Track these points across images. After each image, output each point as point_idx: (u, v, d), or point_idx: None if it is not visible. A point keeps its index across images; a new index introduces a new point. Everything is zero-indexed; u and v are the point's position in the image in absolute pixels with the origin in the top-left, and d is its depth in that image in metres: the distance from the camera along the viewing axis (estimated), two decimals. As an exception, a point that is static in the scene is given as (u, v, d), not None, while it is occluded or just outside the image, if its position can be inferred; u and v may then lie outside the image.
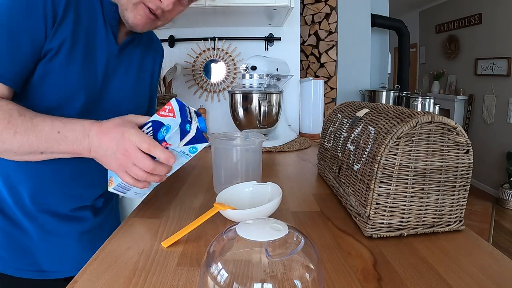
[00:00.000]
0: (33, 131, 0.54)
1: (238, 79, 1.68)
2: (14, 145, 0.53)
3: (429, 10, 4.83)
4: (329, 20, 2.87)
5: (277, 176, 0.94)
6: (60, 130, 0.55)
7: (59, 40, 0.59)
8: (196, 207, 0.70)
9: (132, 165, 0.54)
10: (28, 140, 0.53)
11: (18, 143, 0.53)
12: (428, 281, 0.43)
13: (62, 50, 0.60)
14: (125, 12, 0.65)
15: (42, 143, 0.54)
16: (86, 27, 0.64)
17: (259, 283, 0.32)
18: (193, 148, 0.57)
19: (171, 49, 1.68)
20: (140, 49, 0.79)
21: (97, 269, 0.47)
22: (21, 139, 0.53)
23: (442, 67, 4.53)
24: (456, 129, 0.52)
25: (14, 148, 0.54)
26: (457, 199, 0.56)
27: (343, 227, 0.60)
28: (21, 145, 0.53)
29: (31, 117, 0.54)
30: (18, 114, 0.54)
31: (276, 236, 0.34)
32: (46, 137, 0.54)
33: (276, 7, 1.32)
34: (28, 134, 0.53)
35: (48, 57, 0.59)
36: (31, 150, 0.54)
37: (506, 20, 3.37)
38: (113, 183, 0.60)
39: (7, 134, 0.52)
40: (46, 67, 0.59)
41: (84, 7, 0.63)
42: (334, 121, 0.82)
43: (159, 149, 0.53)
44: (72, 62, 0.62)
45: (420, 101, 2.76)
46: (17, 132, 0.53)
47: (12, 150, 0.54)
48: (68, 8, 0.59)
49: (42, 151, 0.55)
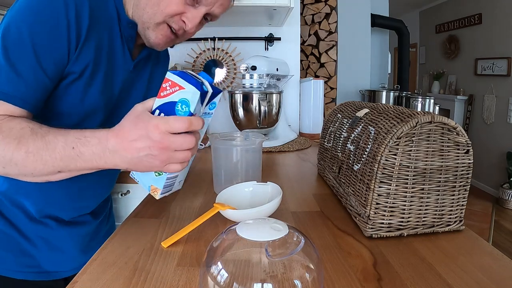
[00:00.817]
0: (46, 149, 0.49)
1: (238, 79, 1.68)
2: (28, 167, 0.49)
3: (429, 10, 4.83)
4: (329, 20, 2.87)
5: (277, 176, 0.94)
6: (74, 146, 0.49)
7: (83, 64, 0.57)
8: (196, 207, 0.70)
9: (174, 153, 0.48)
10: (41, 160, 0.49)
11: (31, 164, 0.49)
12: (428, 281, 0.43)
13: (85, 73, 0.58)
14: (146, 31, 0.64)
15: (57, 162, 0.49)
16: (107, 46, 0.62)
17: (259, 283, 0.32)
18: (212, 104, 0.55)
19: (171, 49, 1.68)
20: (151, 62, 0.78)
21: (97, 269, 0.47)
22: (34, 159, 0.49)
23: (442, 67, 4.53)
24: (456, 129, 0.52)
25: (28, 170, 0.50)
26: (457, 199, 0.56)
27: (343, 227, 0.60)
28: (35, 166, 0.49)
29: (43, 135, 0.50)
30: (30, 132, 0.49)
31: (276, 236, 0.34)
32: (60, 155, 0.49)
33: (276, 7, 1.32)
34: (40, 154, 0.49)
35: (69, 79, 0.57)
36: (47, 170, 0.50)
37: (506, 20, 3.37)
38: (158, 189, 0.55)
39: (19, 156, 0.48)
40: (66, 89, 0.58)
41: (104, 26, 0.61)
42: (334, 121, 0.82)
43: (194, 120, 0.48)
44: (93, 84, 0.61)
45: (420, 101, 2.76)
46: (29, 152, 0.48)
47: (27, 172, 0.50)
48: (91, 29, 0.57)
49: (59, 170, 0.50)
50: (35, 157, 0.49)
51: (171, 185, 0.58)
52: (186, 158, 0.50)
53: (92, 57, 0.59)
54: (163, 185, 0.55)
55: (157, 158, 0.48)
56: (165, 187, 0.56)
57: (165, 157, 0.48)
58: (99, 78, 0.62)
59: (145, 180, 0.57)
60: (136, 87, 0.74)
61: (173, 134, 0.47)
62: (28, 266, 0.67)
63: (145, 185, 0.57)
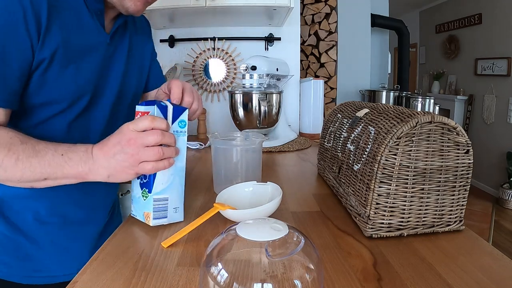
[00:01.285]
0: (35, 156, 0.52)
1: (238, 79, 1.68)
2: (17, 173, 0.52)
3: (429, 10, 4.83)
4: (329, 20, 2.87)
5: (277, 176, 0.94)
6: (63, 153, 0.54)
7: (51, 49, 0.57)
8: (196, 207, 0.70)
9: (144, 149, 0.53)
10: (30, 166, 0.52)
11: (20, 170, 0.52)
12: (428, 281, 0.43)
13: (56, 57, 0.58)
14: (123, 2, 0.64)
15: (46, 168, 0.53)
16: (75, 26, 0.61)
17: (259, 283, 0.32)
18: (181, 122, 0.60)
19: (171, 49, 1.69)
20: (129, 32, 0.76)
21: (97, 269, 0.47)
22: (23, 166, 0.52)
23: (442, 67, 4.53)
24: (456, 129, 0.52)
25: (16, 176, 0.53)
26: (457, 199, 0.56)
27: (343, 227, 0.60)
28: (23, 172, 0.52)
29: (33, 144, 0.53)
30: (20, 142, 0.53)
31: (276, 236, 0.34)
32: (49, 161, 0.53)
33: (276, 7, 1.33)
34: (30, 161, 0.52)
35: (42, 67, 0.57)
36: (34, 177, 0.53)
37: (506, 20, 3.37)
38: (150, 213, 0.59)
39: (9, 162, 0.51)
40: (44, 77, 0.58)
41: (66, 6, 0.60)
42: (334, 121, 0.82)
43: (156, 118, 0.54)
44: (70, 66, 0.60)
45: (420, 101, 2.76)
46: (19, 160, 0.51)
47: (14, 178, 0.53)
48: (51, 13, 0.56)
49: (45, 177, 0.54)
50: (24, 164, 0.52)
51: (163, 209, 0.60)
52: (156, 155, 0.54)
53: (60, 39, 0.58)
54: (152, 209, 0.58)
55: (129, 155, 0.53)
56: (156, 211, 0.59)
57: (136, 153, 0.53)
58: (75, 58, 0.61)
59: (139, 210, 0.61)
60: (116, 59, 0.72)
61: (140, 132, 0.53)
62: (35, 270, 0.66)
63: (140, 215, 0.61)
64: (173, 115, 0.59)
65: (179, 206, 0.62)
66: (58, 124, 0.63)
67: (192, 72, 1.70)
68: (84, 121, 0.67)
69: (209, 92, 1.71)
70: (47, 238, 0.68)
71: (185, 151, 0.61)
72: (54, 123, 0.63)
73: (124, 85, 0.74)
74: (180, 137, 0.60)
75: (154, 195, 0.58)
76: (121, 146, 0.53)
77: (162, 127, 0.55)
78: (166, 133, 0.55)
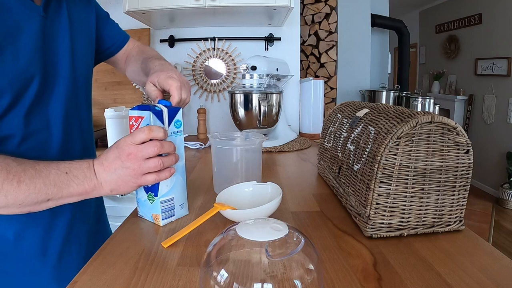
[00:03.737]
0: (39, 177, 0.49)
1: (238, 79, 1.68)
2: (20, 197, 0.48)
3: (429, 10, 4.83)
4: (329, 20, 2.87)
5: (277, 176, 0.94)
6: (67, 171, 0.52)
7: None
8: (196, 207, 0.70)
9: (144, 161, 0.53)
10: (35, 188, 0.49)
11: (24, 193, 0.48)
12: (428, 281, 0.43)
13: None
14: None
15: (51, 188, 0.50)
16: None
17: (259, 283, 0.32)
18: (176, 122, 0.61)
19: (171, 49, 1.69)
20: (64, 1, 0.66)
21: (97, 269, 0.47)
22: (27, 188, 0.48)
23: (442, 67, 4.53)
24: (456, 129, 0.52)
25: (19, 200, 0.49)
26: (457, 199, 0.56)
27: (343, 227, 0.60)
28: (27, 195, 0.49)
29: (32, 164, 0.50)
30: (16, 164, 0.49)
31: (276, 236, 0.34)
32: (54, 181, 0.50)
33: (276, 7, 1.33)
34: (34, 182, 0.49)
35: None
36: (37, 199, 0.50)
37: (506, 20, 3.37)
38: (159, 215, 0.60)
39: (10, 186, 0.47)
40: None
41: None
42: (334, 121, 0.82)
43: (153, 128, 0.54)
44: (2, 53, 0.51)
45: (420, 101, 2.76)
46: (21, 182, 0.48)
47: (16, 203, 0.49)
48: None
49: (50, 197, 0.51)
50: (28, 186, 0.49)
51: (171, 209, 0.62)
52: (156, 164, 0.54)
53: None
54: (160, 211, 0.60)
55: (130, 169, 0.53)
56: (164, 212, 0.61)
57: (137, 166, 0.53)
58: (5, 43, 0.52)
59: (146, 211, 0.63)
60: (59, 34, 0.63)
61: (139, 145, 0.53)
62: None
63: (148, 216, 0.63)
64: (169, 117, 0.59)
65: (184, 202, 0.65)
66: (13, 120, 0.55)
67: (192, 72, 1.70)
68: (41, 110, 0.59)
69: (209, 92, 1.71)
70: None
71: (183, 150, 0.63)
72: (8, 120, 0.54)
73: (76, 62, 0.66)
74: (177, 137, 0.61)
75: (160, 197, 0.60)
76: (121, 160, 0.53)
77: (159, 136, 0.54)
78: (164, 142, 0.55)
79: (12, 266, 0.59)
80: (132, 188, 0.56)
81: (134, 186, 0.55)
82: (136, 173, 0.53)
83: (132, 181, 0.54)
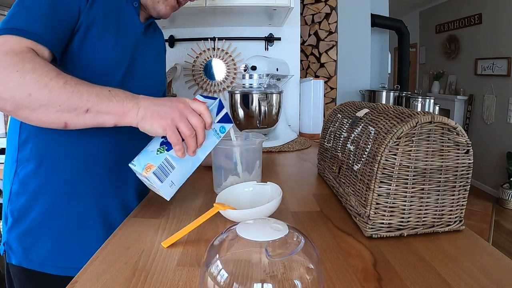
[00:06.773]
0: (84, 85, 0.53)
1: (238, 79, 1.68)
2: (62, 96, 0.51)
3: (429, 10, 4.83)
4: (329, 20, 2.87)
5: (277, 176, 0.94)
6: (110, 90, 0.56)
7: (92, 17, 0.63)
8: (196, 207, 0.70)
9: (184, 119, 0.57)
10: (78, 92, 0.52)
11: (66, 94, 0.51)
12: (428, 281, 0.43)
13: (94, 25, 0.64)
14: (156, 4, 0.76)
15: (93, 97, 0.53)
16: (114, 6, 0.70)
17: (259, 283, 0.32)
18: (222, 128, 0.66)
19: (171, 49, 1.69)
20: (157, 34, 0.89)
21: (97, 269, 0.47)
22: (71, 90, 0.52)
23: (442, 67, 4.53)
24: (456, 129, 0.52)
25: (60, 100, 0.51)
26: (457, 199, 0.56)
27: (343, 227, 0.60)
28: (69, 96, 0.51)
29: (79, 79, 0.55)
30: (65, 73, 0.53)
31: (276, 236, 0.34)
32: (97, 92, 0.54)
33: (276, 7, 1.33)
34: (78, 87, 0.52)
35: (82, 30, 0.63)
36: (77, 104, 0.52)
37: (506, 20, 3.37)
38: (154, 166, 0.59)
39: (57, 83, 0.51)
40: (82, 40, 0.63)
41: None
42: (334, 121, 0.82)
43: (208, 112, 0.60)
44: (106, 37, 0.66)
45: (420, 101, 2.76)
46: (67, 83, 0.52)
47: (57, 103, 0.51)
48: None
49: (89, 107, 0.53)
50: (72, 88, 0.52)
51: (166, 173, 0.60)
52: (191, 129, 0.57)
53: (100, 11, 0.65)
54: (159, 163, 0.59)
55: (172, 108, 0.57)
56: (160, 168, 0.59)
57: (176, 117, 0.56)
58: (112, 31, 0.68)
59: (143, 160, 0.61)
60: (148, 53, 0.80)
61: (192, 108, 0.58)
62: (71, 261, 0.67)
63: (140, 166, 0.60)
64: (223, 117, 0.66)
65: (176, 185, 0.63)
66: None
67: (192, 72, 1.70)
68: None
69: (209, 92, 1.71)
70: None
71: (210, 151, 0.66)
72: None
73: (150, 79, 0.81)
74: (212, 137, 0.66)
75: (169, 154, 0.60)
76: (170, 102, 0.58)
77: (207, 120, 0.59)
78: (203, 128, 0.59)
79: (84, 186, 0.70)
80: (159, 127, 0.56)
81: (163, 125, 0.56)
82: (174, 115, 0.56)
83: (165, 119, 0.56)
